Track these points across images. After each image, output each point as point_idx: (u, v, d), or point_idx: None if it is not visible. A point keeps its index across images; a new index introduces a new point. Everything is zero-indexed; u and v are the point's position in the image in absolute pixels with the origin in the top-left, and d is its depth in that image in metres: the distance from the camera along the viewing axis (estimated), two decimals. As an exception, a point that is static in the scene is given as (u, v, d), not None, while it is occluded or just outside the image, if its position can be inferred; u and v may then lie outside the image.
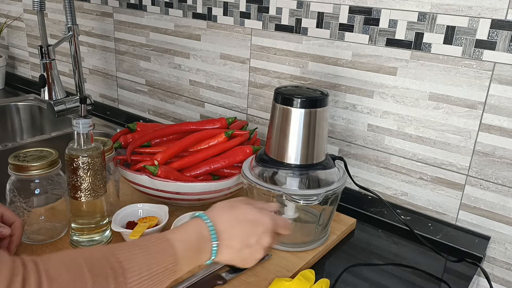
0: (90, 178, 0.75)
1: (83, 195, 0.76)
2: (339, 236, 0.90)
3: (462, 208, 0.91)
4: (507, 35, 0.79)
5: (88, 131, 0.74)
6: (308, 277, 0.74)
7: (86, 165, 0.74)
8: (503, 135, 0.83)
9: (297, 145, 0.81)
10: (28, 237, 0.81)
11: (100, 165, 0.76)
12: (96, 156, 0.75)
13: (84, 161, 0.73)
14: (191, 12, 1.21)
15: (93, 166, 0.75)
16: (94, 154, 0.75)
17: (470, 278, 0.82)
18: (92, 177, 0.75)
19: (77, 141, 0.74)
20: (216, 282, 0.73)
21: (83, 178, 0.74)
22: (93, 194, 0.76)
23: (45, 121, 1.61)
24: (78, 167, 0.74)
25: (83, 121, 0.73)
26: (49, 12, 1.63)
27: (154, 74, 1.37)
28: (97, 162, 0.75)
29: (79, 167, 0.74)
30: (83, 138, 0.74)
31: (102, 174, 0.77)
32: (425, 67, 0.88)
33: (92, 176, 0.75)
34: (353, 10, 0.94)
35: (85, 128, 0.73)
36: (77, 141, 0.74)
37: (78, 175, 0.74)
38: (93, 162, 0.74)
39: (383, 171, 0.98)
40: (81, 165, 0.74)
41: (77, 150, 0.74)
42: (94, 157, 0.75)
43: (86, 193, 0.76)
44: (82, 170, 0.74)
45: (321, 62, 1.01)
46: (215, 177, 0.94)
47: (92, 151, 0.74)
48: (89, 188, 0.75)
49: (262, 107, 1.15)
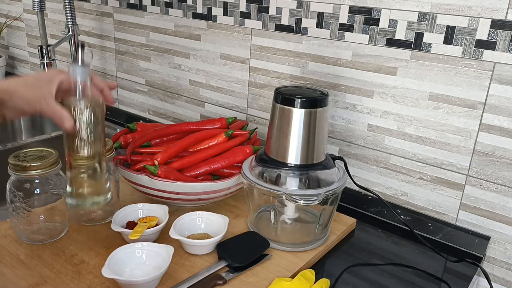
0: (88, 130, 0.70)
1: (81, 150, 0.71)
2: (339, 236, 0.90)
3: (462, 208, 0.91)
4: (507, 35, 0.79)
5: (86, 79, 0.70)
6: (308, 277, 0.74)
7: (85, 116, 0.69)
8: (503, 135, 0.83)
9: (297, 145, 0.81)
10: (28, 237, 0.81)
11: (100, 117, 0.71)
12: (95, 106, 0.70)
13: (82, 111, 0.69)
14: (191, 12, 1.21)
15: (93, 116, 0.70)
16: (94, 104, 0.70)
17: (470, 278, 0.82)
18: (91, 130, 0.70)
19: (74, 90, 0.70)
20: (216, 282, 0.73)
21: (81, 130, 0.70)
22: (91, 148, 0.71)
23: (45, 121, 1.61)
24: (76, 117, 0.69)
25: (80, 68, 0.69)
26: (49, 12, 1.63)
27: (154, 74, 1.37)
28: (97, 112, 0.70)
29: (76, 118, 0.69)
30: (81, 87, 0.69)
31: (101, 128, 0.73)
32: (425, 67, 0.88)
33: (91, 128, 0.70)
34: (353, 10, 0.94)
35: (83, 76, 0.69)
36: (74, 91, 0.70)
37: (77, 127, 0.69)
38: (93, 112, 0.70)
39: (383, 171, 0.98)
40: (79, 115, 0.69)
41: (74, 100, 0.70)
42: (94, 107, 0.70)
43: (85, 147, 0.71)
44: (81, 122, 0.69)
45: (321, 62, 1.01)
46: (215, 177, 0.94)
47: (90, 100, 0.70)
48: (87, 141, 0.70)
49: (262, 107, 1.15)
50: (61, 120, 0.68)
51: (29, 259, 0.77)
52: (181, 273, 0.75)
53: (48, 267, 0.75)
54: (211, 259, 0.79)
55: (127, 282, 0.69)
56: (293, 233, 0.88)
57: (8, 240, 0.81)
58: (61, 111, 0.68)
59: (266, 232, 0.85)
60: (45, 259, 0.77)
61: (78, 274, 0.74)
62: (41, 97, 0.68)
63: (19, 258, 0.77)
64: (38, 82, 0.70)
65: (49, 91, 0.69)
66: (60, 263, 0.76)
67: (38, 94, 0.68)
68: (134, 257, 0.74)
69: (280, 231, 0.86)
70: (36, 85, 0.69)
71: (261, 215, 0.89)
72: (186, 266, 0.77)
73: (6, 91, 0.68)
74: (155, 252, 0.75)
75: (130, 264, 0.73)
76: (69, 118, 0.68)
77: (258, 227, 0.88)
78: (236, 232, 0.86)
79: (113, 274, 0.68)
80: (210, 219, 0.86)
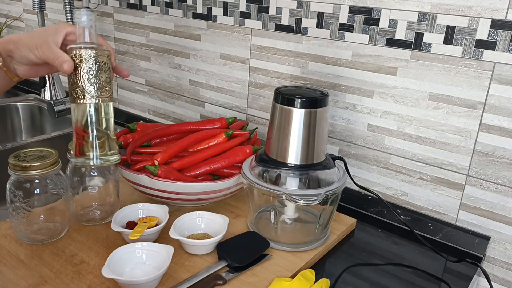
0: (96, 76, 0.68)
1: (88, 97, 0.68)
2: (339, 236, 0.90)
3: (462, 208, 0.91)
4: (507, 35, 0.79)
5: (91, 24, 0.68)
6: (308, 277, 0.74)
7: (92, 60, 0.67)
8: (503, 135, 0.83)
9: (297, 145, 0.81)
10: (28, 237, 0.81)
11: (106, 64, 0.69)
12: (102, 53, 0.68)
13: (88, 54, 0.67)
14: (191, 12, 1.21)
15: (99, 62, 0.68)
16: (100, 49, 0.68)
17: (470, 278, 0.82)
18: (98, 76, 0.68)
19: (79, 36, 0.68)
20: (216, 282, 0.73)
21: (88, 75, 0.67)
22: (100, 96, 0.68)
23: (45, 121, 1.61)
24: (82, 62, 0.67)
25: (85, 12, 0.66)
26: (49, 12, 1.63)
27: (154, 74, 1.37)
28: (102, 60, 0.68)
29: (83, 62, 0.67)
30: (86, 32, 0.67)
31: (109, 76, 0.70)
32: (425, 67, 0.88)
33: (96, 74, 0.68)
34: (353, 10, 0.94)
35: (89, 21, 0.67)
36: (79, 37, 0.68)
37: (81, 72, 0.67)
38: (98, 57, 0.68)
39: (383, 171, 0.98)
40: (87, 60, 0.67)
41: (80, 44, 0.67)
42: (100, 53, 0.68)
43: (92, 94, 0.68)
44: (88, 65, 0.67)
45: (321, 62, 1.01)
46: (215, 177, 0.94)
47: (96, 45, 0.68)
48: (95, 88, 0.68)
49: (262, 107, 1.15)
50: (60, 62, 0.66)
51: (29, 259, 0.77)
52: (181, 273, 0.75)
53: (48, 267, 0.75)
54: (211, 259, 0.79)
55: (127, 282, 0.69)
56: (293, 233, 0.88)
57: (8, 240, 0.81)
58: (62, 54, 0.67)
59: (266, 232, 0.85)
60: (45, 259, 0.77)
61: (78, 274, 0.74)
62: (44, 42, 0.68)
63: (19, 258, 0.77)
64: (43, 32, 0.70)
65: (54, 39, 0.69)
66: (60, 263, 0.76)
67: (42, 40, 0.68)
68: (134, 257, 0.74)
69: (280, 231, 0.86)
70: (41, 34, 0.70)
71: (261, 215, 0.89)
72: (186, 266, 0.77)
73: (11, 40, 0.69)
74: (155, 252, 0.75)
75: (130, 264, 0.73)
76: (70, 61, 0.67)
77: (258, 227, 0.88)
78: (236, 232, 0.86)
79: (113, 274, 0.68)
80: (210, 219, 0.86)
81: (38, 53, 0.68)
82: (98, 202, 0.89)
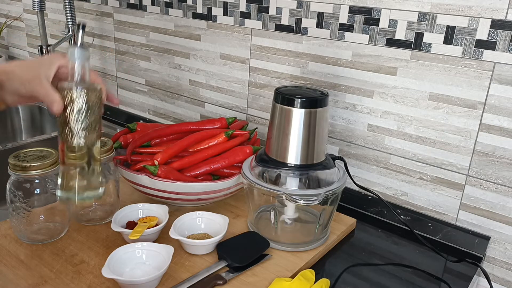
0: (85, 117, 0.66)
1: (76, 138, 0.66)
2: (339, 236, 0.90)
3: (462, 208, 0.91)
4: (507, 35, 0.79)
5: (84, 62, 0.66)
6: (308, 277, 0.74)
7: (82, 101, 0.65)
8: (503, 135, 0.83)
9: (297, 145, 0.81)
10: (28, 237, 0.81)
11: (96, 105, 0.67)
12: (93, 93, 0.66)
13: (79, 96, 0.65)
14: (191, 12, 1.21)
15: (89, 102, 0.66)
16: (92, 89, 0.66)
17: (470, 278, 0.82)
18: (88, 117, 0.66)
19: (71, 74, 0.66)
20: (216, 282, 0.73)
21: (77, 115, 0.66)
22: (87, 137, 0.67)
23: (45, 121, 1.61)
24: (73, 102, 0.65)
25: (79, 50, 0.65)
26: (49, 12, 1.63)
27: (154, 74, 1.37)
28: (93, 100, 0.67)
29: (73, 103, 0.65)
30: (79, 70, 0.66)
31: (98, 116, 0.68)
32: (425, 67, 0.88)
33: (87, 115, 0.66)
34: (353, 10, 0.94)
35: (81, 59, 0.66)
36: (71, 74, 0.66)
37: (71, 112, 0.65)
38: (89, 98, 0.66)
39: (383, 171, 0.98)
40: (76, 101, 0.65)
41: (71, 83, 0.66)
42: (91, 93, 0.66)
43: (80, 135, 0.67)
44: (77, 107, 0.65)
45: (321, 62, 1.01)
46: (215, 177, 0.94)
47: (88, 85, 0.67)
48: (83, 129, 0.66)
49: (262, 107, 1.15)
50: (50, 102, 0.65)
51: (29, 259, 0.77)
52: (181, 273, 0.75)
53: (48, 267, 0.75)
54: (211, 259, 0.79)
55: (127, 282, 0.69)
56: (293, 233, 0.88)
57: (8, 240, 0.81)
58: (53, 93, 0.66)
59: (266, 232, 0.85)
60: (45, 259, 0.77)
61: (78, 274, 0.74)
62: (36, 77, 0.67)
63: (19, 258, 0.77)
64: (36, 64, 0.69)
65: (46, 73, 0.68)
66: (60, 263, 0.76)
67: (34, 74, 0.67)
68: (134, 257, 0.74)
69: (280, 231, 0.86)
70: (34, 66, 0.69)
71: (261, 215, 0.89)
72: (186, 266, 0.77)
73: (3, 71, 0.68)
74: (155, 252, 0.75)
75: (130, 264, 0.73)
76: (59, 102, 0.65)
77: (258, 227, 0.88)
78: (236, 232, 0.86)
79: (113, 274, 0.68)
80: (210, 219, 0.86)
81: (29, 88, 0.67)
82: (98, 202, 0.89)
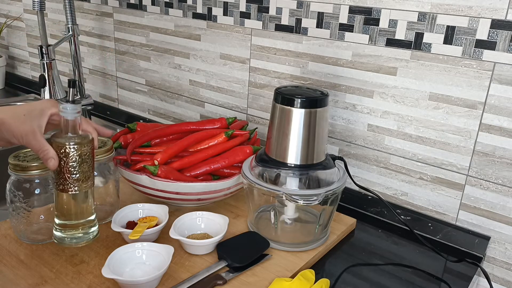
0: (78, 169, 0.70)
1: (71, 187, 0.70)
2: (339, 236, 0.90)
3: (462, 208, 0.91)
4: (507, 35, 0.79)
5: (75, 117, 0.69)
6: (308, 277, 0.74)
7: (75, 155, 0.69)
8: (503, 135, 0.83)
9: (297, 145, 0.81)
10: (28, 237, 0.81)
11: (89, 155, 0.71)
12: (85, 145, 0.70)
13: (72, 150, 0.69)
14: (191, 12, 1.21)
15: (82, 155, 0.70)
16: (84, 142, 0.70)
17: (470, 278, 0.82)
18: (81, 168, 0.70)
19: (63, 128, 0.69)
20: (216, 282, 0.73)
21: (71, 168, 0.69)
22: (81, 186, 0.71)
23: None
24: (66, 156, 0.69)
25: (70, 106, 0.68)
26: (49, 12, 1.63)
27: (154, 74, 1.37)
28: (85, 151, 0.70)
29: (67, 157, 0.69)
30: (70, 125, 0.69)
31: (91, 165, 0.72)
32: (425, 67, 0.88)
33: (80, 166, 0.70)
34: (353, 10, 0.94)
35: (73, 114, 0.68)
36: (64, 129, 0.69)
37: (66, 165, 0.69)
38: (82, 151, 0.69)
39: (383, 171, 0.98)
40: (69, 155, 0.69)
41: (64, 138, 0.69)
42: (83, 146, 0.70)
43: (74, 185, 0.70)
44: (70, 160, 0.69)
45: (321, 62, 1.01)
46: (215, 177, 0.94)
47: (81, 139, 0.70)
48: (77, 179, 0.70)
49: (262, 107, 1.15)
50: (45, 158, 0.68)
51: (29, 259, 0.77)
52: (181, 273, 0.75)
53: (48, 267, 0.75)
54: (211, 259, 0.79)
55: (127, 282, 0.69)
56: (293, 233, 0.88)
57: (8, 240, 0.81)
58: (47, 148, 0.68)
59: (266, 232, 0.85)
60: (45, 259, 0.77)
61: (78, 274, 0.74)
62: (29, 132, 0.68)
63: (19, 258, 0.77)
64: (28, 114, 0.69)
65: (39, 124, 0.69)
66: (60, 263, 0.76)
67: (26, 128, 0.68)
68: (134, 257, 0.74)
69: (280, 231, 0.86)
70: (25, 118, 0.69)
71: (261, 215, 0.89)
72: (186, 266, 0.77)
73: None
74: (155, 252, 0.75)
75: (130, 264, 0.73)
76: (54, 157, 0.68)
77: (258, 227, 0.88)
78: (236, 232, 0.86)
79: (113, 274, 0.68)
80: (210, 219, 0.86)
81: (23, 142, 0.69)
82: (98, 202, 0.89)
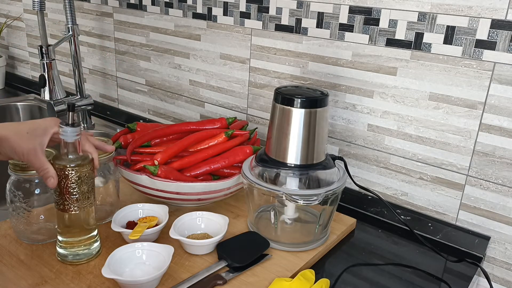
0: (78, 189, 0.71)
1: (71, 207, 0.72)
2: (339, 236, 0.90)
3: (462, 208, 0.91)
4: (507, 35, 0.79)
5: (75, 140, 0.70)
6: (308, 277, 0.74)
7: (74, 176, 0.70)
8: (503, 135, 0.83)
9: (297, 145, 0.81)
10: (28, 237, 0.81)
11: (88, 176, 0.72)
12: (84, 166, 0.71)
13: (72, 171, 0.70)
14: (191, 12, 1.21)
15: (81, 176, 0.71)
16: (83, 163, 0.71)
17: (470, 278, 0.82)
18: (80, 189, 0.71)
19: (63, 150, 0.71)
20: (216, 282, 0.73)
21: (70, 189, 0.71)
22: (81, 205, 0.73)
23: (45, 121, 1.61)
24: (66, 177, 0.70)
25: (70, 129, 0.69)
26: (49, 12, 1.63)
27: (154, 74, 1.37)
28: (85, 172, 0.71)
29: (66, 178, 0.70)
30: (70, 147, 0.70)
31: (91, 185, 0.74)
32: (425, 67, 0.88)
33: (80, 187, 0.71)
34: (353, 10, 0.94)
35: (72, 137, 0.69)
36: (64, 150, 0.70)
37: (66, 186, 0.70)
38: (81, 172, 0.71)
39: (383, 171, 0.98)
40: (69, 176, 0.70)
41: (64, 160, 0.70)
42: (83, 167, 0.71)
43: (74, 205, 0.72)
44: (70, 181, 0.70)
45: (321, 62, 1.01)
46: (215, 177, 0.94)
47: (80, 160, 0.71)
48: (77, 199, 0.72)
49: (262, 107, 1.15)
50: (45, 177, 0.69)
51: (29, 259, 0.77)
52: (181, 273, 0.75)
53: (48, 267, 0.75)
54: (211, 259, 0.79)
55: (127, 282, 0.69)
56: (293, 233, 0.88)
57: (8, 240, 0.81)
58: (48, 167, 0.69)
59: (266, 232, 0.85)
60: (45, 259, 0.77)
61: (78, 274, 0.74)
62: (31, 149, 0.69)
63: (19, 258, 0.77)
64: (31, 133, 0.70)
65: (41, 142, 0.70)
66: (60, 263, 0.76)
67: (29, 146, 0.68)
68: (134, 257, 0.74)
69: (280, 231, 0.86)
70: (28, 136, 0.69)
71: (261, 215, 0.89)
72: (186, 266, 0.77)
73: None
74: (155, 252, 0.75)
75: (130, 264, 0.73)
76: (54, 176, 0.69)
77: (258, 227, 0.88)
78: (236, 232, 0.86)
79: (113, 274, 0.68)
80: (210, 219, 0.86)
81: (24, 159, 0.70)
82: (98, 202, 0.89)
